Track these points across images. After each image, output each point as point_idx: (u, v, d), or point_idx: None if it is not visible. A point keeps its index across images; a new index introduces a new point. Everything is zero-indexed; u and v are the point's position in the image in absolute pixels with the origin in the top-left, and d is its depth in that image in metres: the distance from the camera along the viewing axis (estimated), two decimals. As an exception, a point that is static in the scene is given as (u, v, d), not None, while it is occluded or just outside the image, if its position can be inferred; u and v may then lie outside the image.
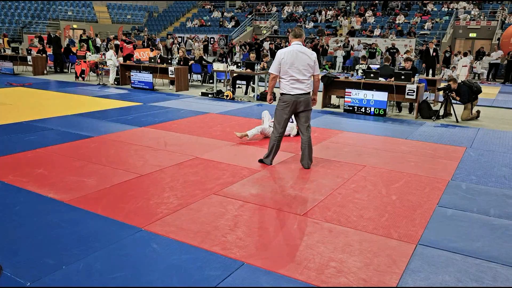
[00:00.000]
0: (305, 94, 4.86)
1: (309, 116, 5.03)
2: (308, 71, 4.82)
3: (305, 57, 4.78)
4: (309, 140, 5.02)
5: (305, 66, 4.78)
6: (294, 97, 4.83)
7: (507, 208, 3.97)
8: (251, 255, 2.97)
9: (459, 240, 3.29)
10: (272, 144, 5.07)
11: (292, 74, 4.77)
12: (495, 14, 23.01)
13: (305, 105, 4.89)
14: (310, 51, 4.91)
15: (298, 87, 4.81)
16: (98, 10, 31.28)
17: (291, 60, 4.75)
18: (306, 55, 4.80)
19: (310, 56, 4.83)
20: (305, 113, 4.96)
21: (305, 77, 4.81)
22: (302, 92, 4.83)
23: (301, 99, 4.84)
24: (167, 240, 3.16)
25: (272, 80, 4.96)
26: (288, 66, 4.75)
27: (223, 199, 4.01)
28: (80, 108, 8.72)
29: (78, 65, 13.96)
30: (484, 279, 2.76)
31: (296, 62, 4.75)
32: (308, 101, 4.92)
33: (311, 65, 4.83)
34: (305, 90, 4.84)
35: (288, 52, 4.78)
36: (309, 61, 4.80)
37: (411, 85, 8.64)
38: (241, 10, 31.15)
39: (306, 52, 4.82)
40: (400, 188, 4.47)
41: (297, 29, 4.94)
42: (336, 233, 3.36)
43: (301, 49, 4.80)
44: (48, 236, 3.17)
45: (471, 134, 7.24)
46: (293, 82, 4.80)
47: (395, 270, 2.83)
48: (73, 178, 4.45)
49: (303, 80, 4.81)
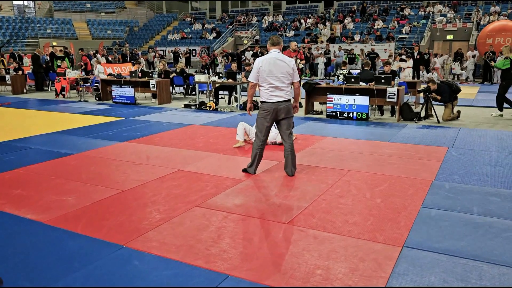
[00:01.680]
0: (285, 101, 4.84)
1: (291, 123, 5.02)
2: (287, 78, 4.80)
3: (283, 64, 4.77)
4: (291, 147, 5.01)
5: (283, 73, 4.76)
6: (274, 104, 4.81)
7: (489, 206, 3.99)
8: (235, 267, 2.91)
9: (444, 240, 3.28)
10: (255, 153, 5.04)
11: (271, 82, 4.75)
12: (470, 16, 23.51)
13: (285, 112, 4.87)
14: (289, 58, 4.89)
15: (277, 95, 4.79)
16: (77, 27, 31.10)
17: (269, 67, 4.73)
18: (284, 62, 4.78)
19: (289, 63, 4.81)
20: (286, 121, 4.93)
21: (284, 84, 4.79)
22: (282, 100, 4.81)
23: (281, 107, 4.82)
24: (149, 256, 3.08)
25: (251, 88, 4.93)
26: (267, 73, 4.74)
27: (206, 211, 3.94)
28: (61, 125, 8.58)
29: (58, 83, 13.78)
30: (470, 278, 2.75)
31: (274, 69, 4.74)
32: (289, 108, 4.90)
33: (290, 73, 4.81)
34: (285, 98, 4.82)
35: (266, 60, 4.77)
36: (287, 69, 4.78)
37: (391, 89, 8.72)
38: (222, 21, 31.28)
39: (285, 60, 4.80)
40: (384, 191, 4.47)
41: (275, 37, 4.93)
42: (321, 239, 3.32)
43: (279, 57, 4.80)
44: (26, 258, 3.07)
45: (452, 134, 7.32)
46: (272, 89, 4.78)
47: (381, 274, 2.80)
48: (52, 197, 4.34)
49: (283, 88, 4.79)
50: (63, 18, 31.45)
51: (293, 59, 4.91)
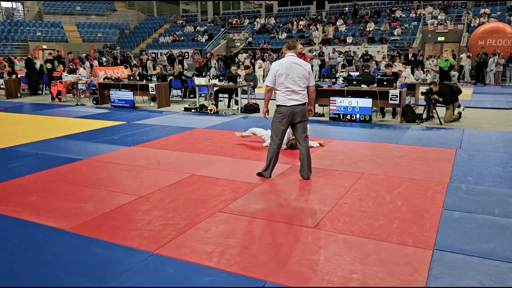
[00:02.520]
0: (301, 105, 4.87)
1: (306, 126, 5.04)
2: (303, 81, 4.83)
3: (300, 68, 4.80)
4: (307, 151, 5.02)
5: (300, 77, 4.79)
6: (290, 108, 4.83)
7: (510, 207, 4.03)
8: (271, 272, 2.90)
9: (473, 243, 3.31)
10: (271, 157, 5.03)
11: (287, 86, 4.78)
12: (460, 18, 23.84)
13: (301, 116, 4.89)
14: (305, 62, 4.95)
15: (294, 98, 4.82)
16: (67, 30, 30.77)
17: (286, 71, 4.76)
18: (301, 66, 4.82)
19: (305, 67, 4.85)
20: (302, 124, 4.96)
21: (300, 88, 4.82)
22: (298, 103, 4.83)
23: (297, 110, 4.84)
24: (181, 263, 3.05)
25: (268, 92, 4.95)
26: (284, 77, 4.77)
27: (229, 216, 3.92)
28: (62, 130, 8.47)
29: (54, 86, 13.61)
30: (506, 280, 2.77)
31: (291, 73, 4.77)
32: (304, 112, 4.92)
33: (306, 76, 4.84)
34: (301, 101, 4.85)
35: (283, 64, 4.80)
36: (304, 72, 4.81)
37: (394, 91, 8.78)
38: (214, 23, 31.23)
39: (301, 63, 4.84)
40: (403, 193, 4.49)
41: (290, 41, 4.96)
42: (351, 244, 3.32)
43: (295, 60, 4.83)
44: (53, 268, 3.01)
45: (457, 136, 7.40)
46: (289, 93, 4.81)
47: (418, 278, 2.81)
48: (69, 204, 4.27)
49: (299, 91, 4.82)
50: (53, 21, 31.11)
51: (309, 63, 4.98)
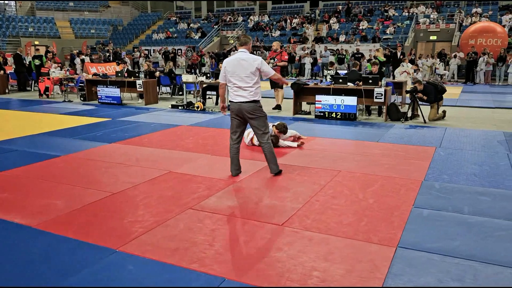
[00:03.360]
0: (249, 102, 4.77)
1: (261, 123, 4.92)
2: (251, 78, 4.73)
3: (247, 65, 4.71)
4: (268, 147, 4.98)
5: (247, 73, 4.71)
6: (237, 104, 4.80)
7: (480, 205, 4.05)
8: (231, 270, 2.89)
9: (438, 240, 3.32)
10: (231, 154, 5.08)
11: (234, 82, 4.76)
12: (452, 17, 23.91)
13: (249, 113, 4.81)
14: (254, 57, 4.80)
15: (240, 95, 4.76)
16: (60, 26, 30.60)
17: (233, 68, 4.74)
18: (248, 62, 4.72)
19: (253, 62, 4.72)
20: (255, 121, 4.89)
21: (247, 84, 4.73)
22: (244, 100, 4.76)
23: (243, 107, 4.78)
24: (143, 260, 3.04)
25: (220, 88, 5.02)
26: (230, 74, 4.76)
27: (200, 213, 3.91)
28: (47, 126, 8.43)
29: (41, 82, 13.53)
30: (465, 278, 2.78)
31: (237, 70, 4.72)
32: (253, 109, 4.81)
33: (254, 72, 4.73)
34: (248, 98, 4.76)
35: (231, 61, 4.80)
36: (251, 69, 4.71)
37: (379, 89, 8.80)
38: (207, 20, 31.15)
39: (249, 59, 4.73)
40: (376, 191, 4.50)
41: (242, 37, 4.91)
42: (317, 241, 3.32)
43: (243, 57, 4.75)
44: (16, 264, 2.99)
45: (439, 134, 7.42)
46: (236, 89, 4.78)
47: (378, 275, 2.82)
48: (41, 201, 4.25)
49: (246, 88, 4.74)
50: (45, 16, 30.93)
51: (258, 58, 4.80)
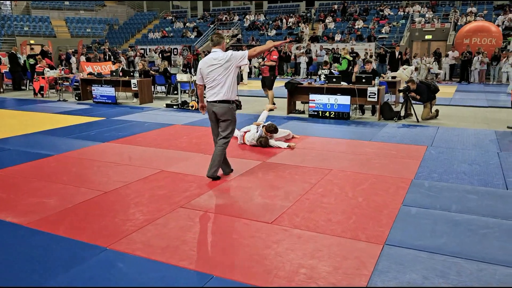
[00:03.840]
0: (221, 102, 4.69)
1: (228, 127, 4.80)
2: (224, 76, 4.64)
3: (218, 64, 4.63)
4: (219, 150, 4.84)
5: (219, 73, 4.65)
6: (210, 104, 4.77)
7: (467, 203, 4.10)
8: (220, 267, 2.93)
9: (424, 238, 3.37)
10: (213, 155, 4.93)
11: (208, 82, 4.74)
12: (448, 17, 24.00)
13: (221, 114, 4.73)
14: (224, 54, 4.65)
15: (213, 95, 4.72)
16: (56, 25, 30.51)
17: (207, 69, 4.69)
18: (218, 61, 4.63)
19: (221, 60, 4.62)
20: (224, 123, 4.79)
21: (220, 83, 4.66)
22: (216, 99, 4.70)
23: (216, 107, 4.72)
24: (133, 258, 3.07)
25: (198, 89, 5.02)
26: (205, 74, 4.73)
27: (190, 211, 3.95)
28: (41, 126, 8.43)
29: (36, 82, 13.52)
30: (449, 274, 2.83)
31: (210, 70, 4.67)
32: (225, 111, 4.71)
33: (227, 69, 4.62)
34: (221, 98, 4.68)
35: (204, 62, 4.74)
36: (222, 67, 4.61)
37: (372, 88, 8.84)
38: (203, 20, 31.14)
39: (219, 58, 4.64)
40: (366, 189, 4.54)
41: (214, 37, 4.80)
42: (305, 239, 3.36)
43: (215, 56, 4.67)
44: (5, 261, 3.02)
45: (431, 133, 7.47)
46: (209, 89, 4.76)
47: (364, 272, 2.86)
48: (33, 200, 4.27)
49: (219, 88, 4.67)
50: (41, 15, 30.83)
51: (229, 52, 4.67)
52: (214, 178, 4.86)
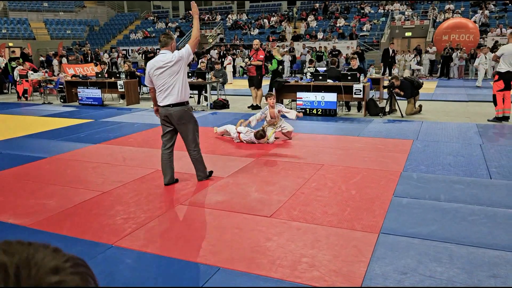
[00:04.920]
0: (176, 105, 4.46)
1: (190, 130, 4.59)
2: (173, 77, 4.42)
3: (166, 66, 4.40)
4: (195, 155, 4.72)
5: (169, 74, 4.41)
6: (164, 109, 4.50)
7: (454, 193, 4.31)
8: (225, 259, 3.05)
9: (416, 226, 3.55)
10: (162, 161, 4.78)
11: (159, 85, 4.47)
12: (426, 14, 24.52)
13: (177, 118, 4.50)
14: (172, 57, 4.42)
15: (166, 98, 4.46)
16: (35, 27, 30.01)
17: (155, 72, 4.44)
18: (166, 63, 4.41)
19: (169, 61, 4.40)
20: (182, 127, 4.57)
21: (172, 86, 4.42)
22: (170, 103, 4.45)
23: (171, 111, 4.47)
24: (140, 253, 3.17)
25: (151, 92, 4.75)
26: (154, 77, 4.47)
27: (190, 208, 4.05)
28: (28, 129, 8.38)
29: (20, 85, 13.35)
30: (442, 258, 3.01)
31: (158, 72, 4.43)
32: (181, 114, 4.49)
33: (176, 69, 4.41)
34: (174, 101, 4.45)
35: (152, 64, 4.49)
36: (170, 68, 4.40)
37: (357, 85, 9.06)
38: (185, 20, 31.07)
39: (166, 59, 4.41)
40: (358, 182, 4.72)
41: (162, 37, 4.54)
42: (304, 230, 3.51)
43: (163, 58, 4.44)
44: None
45: (416, 127, 7.72)
46: (160, 93, 4.49)
47: (362, 259, 3.02)
48: (31, 202, 4.31)
49: (171, 90, 4.44)
50: (19, 17, 30.27)
51: (175, 53, 4.45)
52: (206, 177, 4.85)
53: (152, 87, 4.62)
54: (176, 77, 4.44)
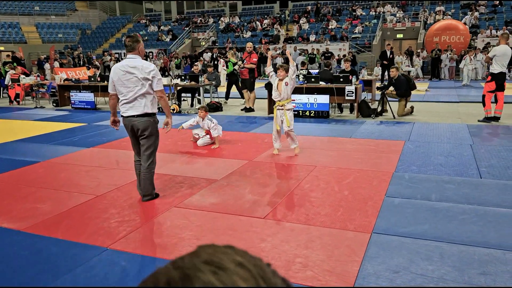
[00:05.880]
0: (140, 116, 4.11)
1: (151, 143, 4.24)
2: (141, 88, 4.04)
3: (135, 72, 4.02)
4: (146, 173, 4.26)
5: (135, 82, 4.04)
6: (127, 119, 4.16)
7: (445, 192, 4.37)
8: (220, 261, 3.07)
9: (408, 225, 3.60)
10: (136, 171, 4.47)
11: (122, 93, 4.10)
12: (417, 16, 24.76)
13: (142, 130, 4.15)
14: (146, 65, 4.08)
15: (130, 108, 4.11)
16: (26, 30, 29.85)
17: (120, 77, 4.07)
18: (136, 69, 4.02)
19: (142, 70, 4.03)
20: (145, 140, 4.21)
21: (137, 95, 4.05)
22: (135, 114, 4.10)
23: (134, 122, 4.12)
24: (135, 256, 3.19)
25: (110, 99, 4.34)
26: (118, 84, 4.11)
27: (185, 211, 4.07)
28: (20, 133, 8.35)
29: (12, 89, 13.29)
30: (433, 257, 3.06)
31: (124, 79, 4.05)
32: (146, 125, 4.14)
33: (145, 80, 4.03)
34: (139, 111, 4.10)
35: (118, 69, 4.11)
36: (140, 76, 4.02)
37: (350, 87, 9.13)
38: (178, 23, 31.08)
39: (138, 66, 4.03)
40: (351, 183, 4.77)
41: (127, 41, 4.15)
42: (297, 231, 3.54)
43: (132, 64, 4.05)
44: (10, 265, 3.08)
45: (407, 128, 7.80)
46: (124, 102, 4.12)
47: (355, 258, 3.06)
48: (25, 206, 4.31)
49: (135, 100, 4.07)
50: (10, 21, 30.09)
51: (151, 66, 4.11)
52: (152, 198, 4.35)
53: (113, 94, 4.22)
54: (145, 86, 4.05)
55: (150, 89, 4.10)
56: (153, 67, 4.12)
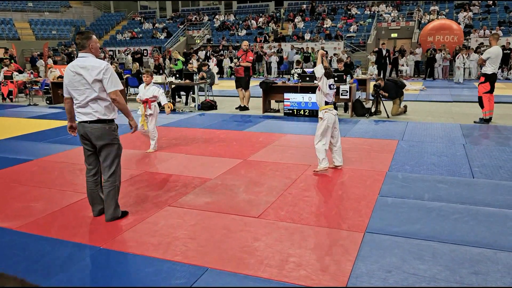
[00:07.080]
0: (93, 122, 3.65)
1: (109, 153, 3.75)
2: (92, 90, 3.58)
3: (85, 73, 3.57)
4: (109, 186, 3.80)
5: (85, 85, 3.59)
6: (80, 125, 3.73)
7: (438, 192, 4.41)
8: (214, 260, 3.08)
9: (401, 225, 3.63)
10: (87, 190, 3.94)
11: (74, 96, 3.68)
12: (412, 15, 24.85)
13: (96, 138, 3.67)
14: (99, 62, 3.62)
15: (82, 113, 3.67)
16: (19, 27, 29.61)
17: (70, 79, 3.65)
18: (87, 69, 3.57)
19: (93, 70, 3.56)
20: (103, 150, 3.74)
21: (88, 98, 3.60)
22: (87, 120, 3.66)
23: (87, 129, 3.67)
24: (128, 255, 3.19)
25: (65, 104, 3.87)
26: (70, 86, 3.68)
27: (179, 210, 4.07)
28: (13, 131, 8.29)
29: (4, 86, 13.19)
30: (425, 256, 3.09)
31: (74, 80, 3.62)
32: (100, 133, 3.67)
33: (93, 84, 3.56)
34: (91, 117, 3.65)
35: (68, 69, 3.68)
36: (90, 78, 3.55)
37: (344, 86, 9.16)
38: (173, 20, 30.97)
39: (88, 66, 3.57)
40: (344, 182, 4.79)
41: (77, 39, 3.74)
42: (291, 230, 3.56)
43: (82, 64, 3.60)
44: (2, 266, 3.07)
45: (401, 128, 7.84)
46: (77, 105, 3.69)
47: (348, 257, 3.08)
48: (18, 205, 4.29)
49: (87, 103, 3.63)
50: (3, 17, 29.83)
51: (102, 64, 3.61)
52: (117, 217, 3.85)
53: (67, 97, 3.79)
54: (94, 90, 3.59)
55: (102, 92, 3.62)
56: (104, 66, 3.60)
